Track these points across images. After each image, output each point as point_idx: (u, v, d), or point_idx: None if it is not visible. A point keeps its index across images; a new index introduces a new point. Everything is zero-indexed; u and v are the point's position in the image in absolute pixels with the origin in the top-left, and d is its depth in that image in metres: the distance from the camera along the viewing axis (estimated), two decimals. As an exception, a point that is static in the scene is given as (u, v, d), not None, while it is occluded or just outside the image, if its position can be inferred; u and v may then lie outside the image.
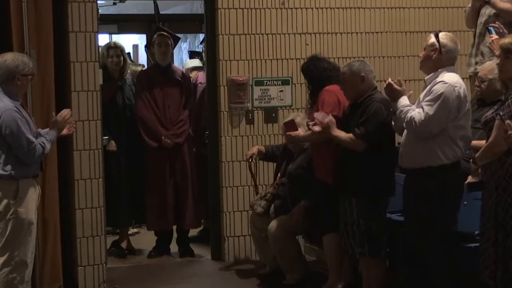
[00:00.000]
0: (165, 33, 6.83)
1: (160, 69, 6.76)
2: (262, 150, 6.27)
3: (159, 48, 6.73)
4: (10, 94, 4.73)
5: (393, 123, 4.85)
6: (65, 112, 5.04)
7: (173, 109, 6.65)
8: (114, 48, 6.79)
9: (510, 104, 3.96)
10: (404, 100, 4.62)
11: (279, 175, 6.08)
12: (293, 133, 5.37)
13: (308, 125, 5.31)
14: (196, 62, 7.96)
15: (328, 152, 5.22)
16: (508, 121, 3.83)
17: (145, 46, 7.44)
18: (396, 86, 4.68)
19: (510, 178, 3.99)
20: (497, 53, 4.39)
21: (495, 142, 3.99)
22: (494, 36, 4.95)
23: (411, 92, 4.76)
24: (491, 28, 5.11)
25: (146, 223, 6.94)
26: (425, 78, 4.64)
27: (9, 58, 4.75)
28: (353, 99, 5.10)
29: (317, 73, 5.53)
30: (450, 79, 4.47)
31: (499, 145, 3.97)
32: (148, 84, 6.66)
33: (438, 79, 4.49)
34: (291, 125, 5.43)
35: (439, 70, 4.54)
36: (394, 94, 4.68)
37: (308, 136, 5.41)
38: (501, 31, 5.02)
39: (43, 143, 4.78)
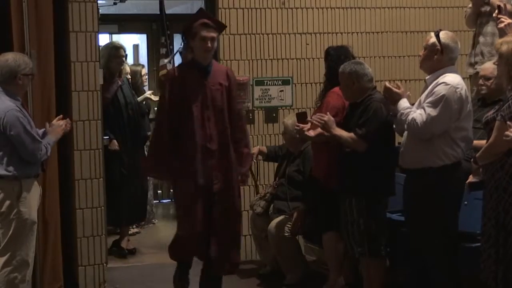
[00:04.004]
0: (211, 24, 5.01)
1: (199, 69, 5.02)
2: (264, 150, 6.25)
3: (202, 43, 4.96)
4: (10, 94, 4.73)
5: (394, 126, 4.86)
6: (61, 121, 5.03)
7: (213, 123, 4.97)
8: (120, 49, 6.79)
9: (511, 105, 3.96)
10: (404, 103, 4.61)
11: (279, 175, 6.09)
12: (301, 126, 5.23)
13: (296, 127, 5.26)
14: None
15: (328, 152, 5.22)
16: (509, 123, 3.83)
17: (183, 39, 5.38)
18: (395, 89, 4.67)
19: (510, 179, 3.99)
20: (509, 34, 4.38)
21: (496, 143, 3.99)
22: (508, 21, 4.91)
23: (408, 93, 4.75)
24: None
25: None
26: (426, 78, 4.63)
27: (11, 57, 4.75)
28: (350, 99, 5.09)
29: (338, 62, 5.24)
30: (452, 80, 4.45)
31: (500, 145, 3.97)
32: (179, 90, 4.95)
33: (440, 80, 4.47)
34: (303, 117, 5.35)
35: (440, 70, 4.52)
36: (393, 98, 4.67)
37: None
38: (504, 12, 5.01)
39: (46, 145, 4.79)
